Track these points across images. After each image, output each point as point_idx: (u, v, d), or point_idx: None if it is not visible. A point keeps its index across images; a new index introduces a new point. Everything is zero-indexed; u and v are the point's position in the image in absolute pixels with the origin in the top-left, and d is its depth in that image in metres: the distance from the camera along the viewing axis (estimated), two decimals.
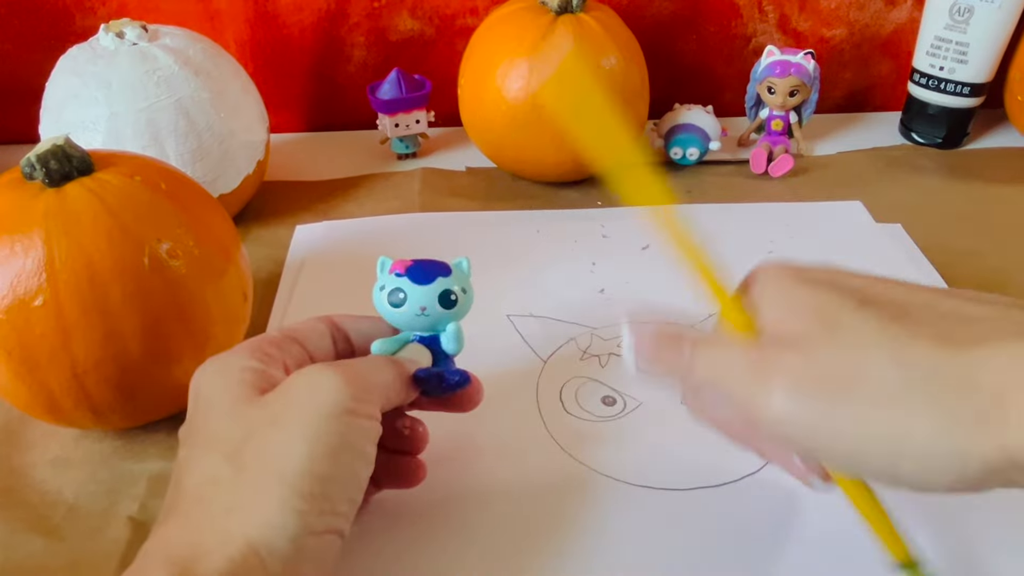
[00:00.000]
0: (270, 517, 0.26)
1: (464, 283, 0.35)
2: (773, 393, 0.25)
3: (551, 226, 0.55)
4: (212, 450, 0.28)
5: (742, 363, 0.27)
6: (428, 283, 0.34)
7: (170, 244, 0.36)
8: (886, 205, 0.56)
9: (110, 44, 0.50)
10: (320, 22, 0.65)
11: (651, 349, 0.30)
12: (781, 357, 0.26)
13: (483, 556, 0.34)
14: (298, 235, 0.55)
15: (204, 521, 0.26)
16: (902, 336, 0.24)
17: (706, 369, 0.28)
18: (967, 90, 0.62)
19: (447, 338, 0.34)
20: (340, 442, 0.28)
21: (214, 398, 0.30)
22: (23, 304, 0.34)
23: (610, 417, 0.40)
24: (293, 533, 0.26)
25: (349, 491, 0.29)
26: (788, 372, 0.25)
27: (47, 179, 0.35)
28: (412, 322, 0.34)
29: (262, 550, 0.26)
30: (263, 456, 0.27)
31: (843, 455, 0.25)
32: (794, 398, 0.25)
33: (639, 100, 0.57)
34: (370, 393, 0.30)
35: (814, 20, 0.67)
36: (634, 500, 0.36)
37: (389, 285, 0.34)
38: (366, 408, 0.29)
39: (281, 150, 0.66)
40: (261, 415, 0.28)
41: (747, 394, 0.26)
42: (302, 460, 0.27)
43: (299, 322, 0.35)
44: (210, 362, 0.31)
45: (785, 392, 0.25)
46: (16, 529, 0.36)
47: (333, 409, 0.28)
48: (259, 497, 0.26)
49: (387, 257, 0.35)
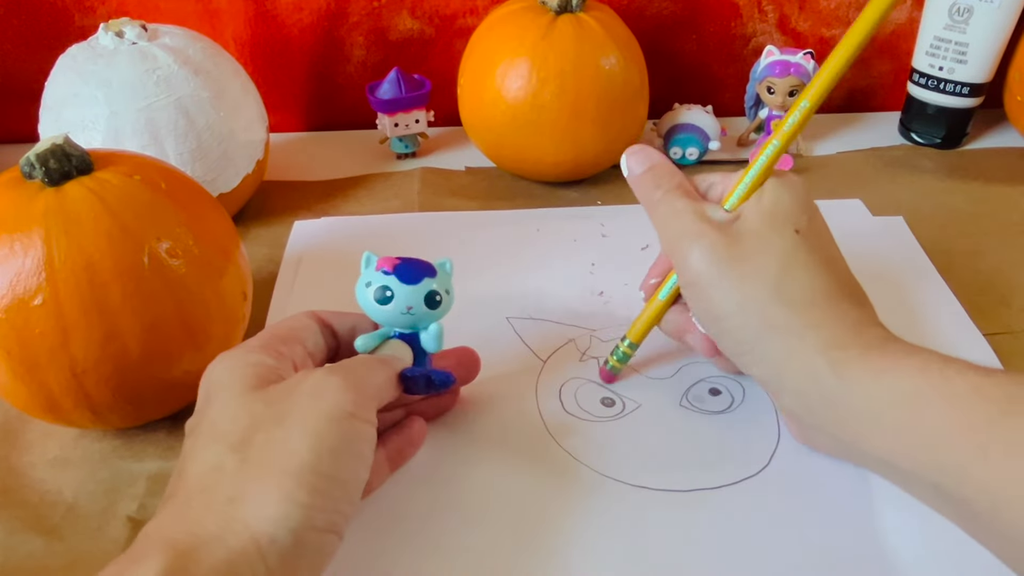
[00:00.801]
0: (273, 509, 0.26)
1: (448, 284, 0.36)
2: (692, 253, 0.34)
3: (551, 226, 0.55)
4: (217, 440, 0.29)
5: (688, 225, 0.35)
6: (415, 283, 0.34)
7: (170, 243, 0.36)
8: (885, 205, 0.56)
9: (110, 43, 0.50)
10: (320, 21, 0.65)
11: (639, 165, 0.38)
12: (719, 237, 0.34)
13: (482, 556, 0.34)
14: (296, 231, 0.55)
15: (206, 509, 0.27)
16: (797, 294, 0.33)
17: (662, 215, 0.36)
18: (966, 90, 0.62)
19: (429, 337, 0.35)
20: (342, 443, 0.29)
21: (223, 391, 0.30)
22: (22, 303, 0.34)
23: (609, 418, 0.40)
24: (295, 526, 0.26)
25: (349, 491, 0.29)
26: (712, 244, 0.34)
27: (47, 178, 0.35)
28: (395, 319, 0.35)
29: (263, 540, 0.26)
30: (268, 450, 0.28)
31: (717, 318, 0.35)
32: (706, 261, 0.34)
33: (639, 100, 0.57)
34: (369, 398, 0.31)
35: (814, 20, 0.67)
36: (633, 501, 0.36)
37: (376, 282, 0.34)
38: (365, 413, 0.30)
39: (280, 150, 0.66)
40: (267, 412, 0.29)
41: (676, 248, 0.35)
42: (307, 456, 0.27)
43: (289, 318, 0.35)
44: (222, 357, 0.32)
45: (701, 254, 0.34)
46: (15, 529, 0.36)
47: (336, 412, 0.29)
48: (263, 488, 0.27)
49: (372, 253, 0.36)
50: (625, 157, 0.39)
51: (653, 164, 0.38)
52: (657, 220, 0.37)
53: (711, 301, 0.34)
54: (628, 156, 0.39)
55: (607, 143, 0.56)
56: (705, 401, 0.41)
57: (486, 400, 0.41)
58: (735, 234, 0.34)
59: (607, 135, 0.56)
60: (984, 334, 0.45)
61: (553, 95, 0.53)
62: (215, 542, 0.25)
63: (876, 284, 0.37)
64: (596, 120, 0.55)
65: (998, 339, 0.45)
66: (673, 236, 0.36)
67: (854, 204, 0.56)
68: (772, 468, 0.37)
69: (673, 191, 0.37)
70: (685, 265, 0.35)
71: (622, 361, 0.41)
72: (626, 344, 0.41)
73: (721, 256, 0.34)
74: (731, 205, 0.36)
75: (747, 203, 0.35)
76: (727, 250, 0.34)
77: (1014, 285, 0.50)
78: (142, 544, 0.26)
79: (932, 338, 0.44)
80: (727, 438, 0.39)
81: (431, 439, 0.38)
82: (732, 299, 0.33)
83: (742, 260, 0.33)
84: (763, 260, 0.33)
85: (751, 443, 0.39)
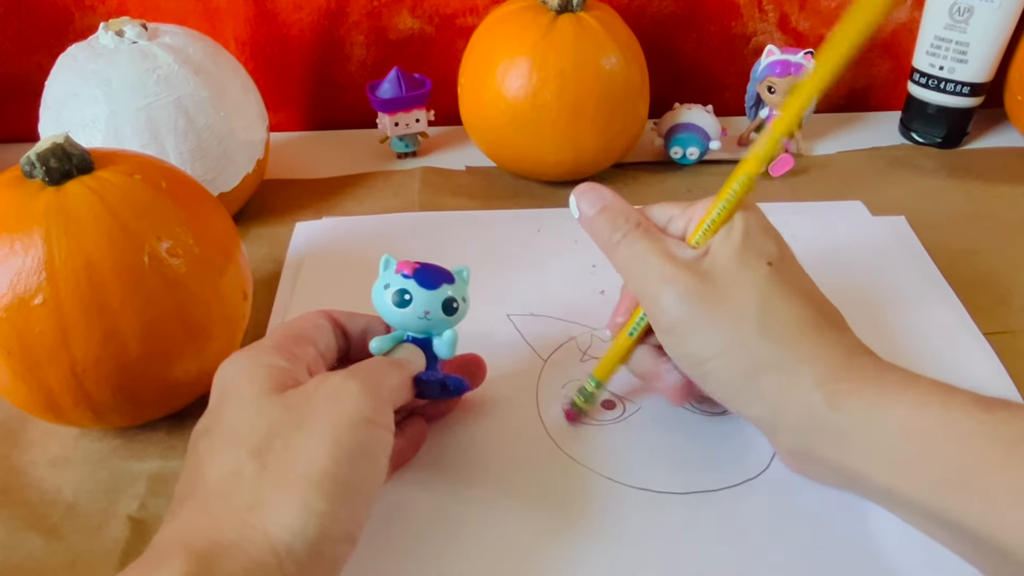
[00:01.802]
0: (292, 518, 0.26)
1: (464, 292, 0.36)
2: (665, 298, 0.33)
3: (552, 225, 0.55)
4: (235, 444, 0.28)
5: (655, 268, 0.33)
6: (434, 288, 0.35)
7: (170, 243, 0.36)
8: (886, 204, 0.56)
9: (110, 42, 0.50)
10: (320, 21, 0.65)
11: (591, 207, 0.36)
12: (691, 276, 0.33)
13: (482, 556, 0.34)
14: (298, 232, 0.55)
15: (225, 514, 0.26)
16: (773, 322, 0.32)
17: (625, 259, 0.35)
18: (967, 90, 0.62)
19: (443, 343, 0.35)
20: (360, 450, 0.28)
21: (239, 392, 0.30)
22: (23, 302, 0.34)
23: (609, 420, 0.40)
24: (312, 537, 0.26)
25: (366, 499, 0.29)
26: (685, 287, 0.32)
27: (47, 177, 0.35)
28: (411, 323, 0.35)
29: (281, 549, 0.26)
30: (287, 456, 0.27)
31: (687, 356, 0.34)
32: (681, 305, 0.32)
33: (639, 99, 0.57)
34: (385, 403, 0.31)
35: (814, 20, 0.67)
36: (632, 503, 0.36)
37: (395, 285, 0.34)
38: (383, 418, 0.30)
39: (281, 149, 0.66)
40: (286, 417, 0.29)
41: (646, 293, 0.34)
42: (327, 463, 0.27)
43: (301, 317, 0.35)
44: (236, 356, 0.32)
45: (675, 299, 0.32)
46: (15, 528, 0.36)
47: (355, 418, 0.29)
48: (282, 496, 0.27)
49: (391, 256, 0.36)
50: (574, 198, 0.37)
51: (606, 204, 0.36)
52: (619, 264, 0.35)
53: (692, 346, 0.33)
54: (578, 197, 0.36)
55: (607, 143, 0.56)
56: (706, 402, 0.41)
57: (487, 401, 0.41)
58: (706, 273, 0.33)
59: (607, 135, 0.56)
60: (984, 333, 0.45)
61: (553, 94, 0.53)
62: (234, 549, 0.25)
63: (880, 286, 0.37)
64: (596, 119, 0.55)
65: (998, 338, 0.45)
66: (641, 281, 0.34)
67: (855, 206, 0.56)
68: (772, 470, 0.37)
69: (632, 232, 0.35)
70: (658, 311, 0.33)
71: (588, 402, 0.39)
72: (592, 384, 0.39)
73: (696, 298, 0.32)
74: (697, 240, 0.34)
75: (715, 237, 0.34)
76: (701, 290, 0.32)
77: (1013, 285, 0.50)
78: (162, 547, 0.26)
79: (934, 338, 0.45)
80: (728, 440, 0.39)
81: (431, 440, 0.39)
82: (715, 342, 0.32)
83: (719, 301, 0.32)
84: (741, 298, 0.32)
85: (752, 445, 0.38)
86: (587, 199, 0.36)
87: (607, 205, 0.36)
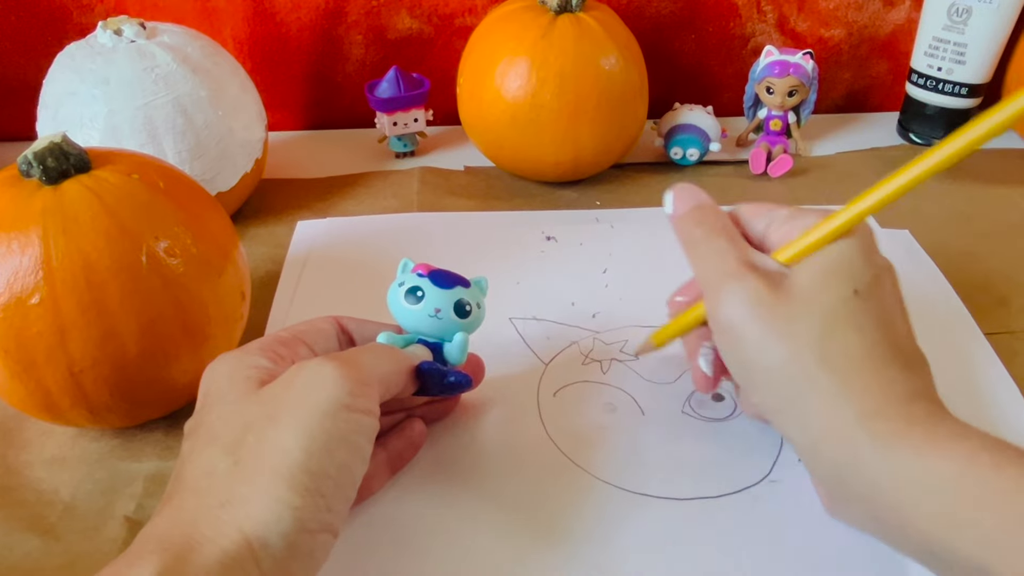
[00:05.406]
0: (265, 513, 0.26)
1: (479, 299, 0.36)
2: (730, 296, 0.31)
3: (556, 229, 0.54)
4: (212, 443, 0.28)
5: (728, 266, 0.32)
6: (447, 288, 0.34)
7: (168, 242, 0.36)
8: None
9: (108, 41, 0.50)
10: (318, 20, 0.65)
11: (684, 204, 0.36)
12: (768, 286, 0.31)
13: (481, 559, 0.34)
14: (299, 231, 0.55)
15: (199, 512, 0.26)
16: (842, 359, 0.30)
17: (701, 254, 0.34)
18: (965, 91, 0.62)
19: (453, 347, 0.35)
20: (336, 438, 0.28)
21: (221, 393, 0.30)
22: (20, 302, 0.33)
23: (610, 423, 0.40)
24: (286, 530, 0.26)
25: (344, 488, 0.28)
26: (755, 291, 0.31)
27: (44, 177, 0.35)
28: (423, 323, 0.34)
29: (255, 544, 0.26)
30: (260, 451, 0.27)
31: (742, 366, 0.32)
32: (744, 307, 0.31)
33: (639, 100, 0.57)
34: (369, 386, 0.30)
35: (813, 20, 0.67)
36: (632, 508, 0.36)
37: (408, 282, 0.35)
38: (364, 403, 0.29)
39: (279, 148, 0.66)
40: (259, 410, 0.29)
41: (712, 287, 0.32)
42: (299, 455, 0.27)
43: (306, 321, 0.35)
44: (221, 358, 0.32)
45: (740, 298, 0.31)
46: (12, 528, 0.36)
47: (330, 405, 0.28)
48: (254, 492, 0.27)
49: (410, 259, 0.36)
50: (671, 194, 0.36)
51: (700, 203, 0.35)
52: (694, 257, 0.34)
53: (746, 352, 0.31)
54: (675, 193, 0.36)
55: (607, 143, 0.56)
56: (707, 407, 0.41)
57: (487, 403, 0.41)
58: (782, 286, 0.31)
59: (607, 135, 0.56)
60: (984, 334, 0.45)
61: (553, 95, 0.53)
62: (209, 544, 0.25)
63: None
64: (596, 120, 0.55)
65: (998, 339, 0.45)
66: (711, 274, 0.32)
67: None
68: (774, 477, 0.37)
69: (717, 231, 0.34)
70: (719, 308, 0.32)
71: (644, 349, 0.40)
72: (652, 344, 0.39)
73: (760, 305, 0.30)
74: (786, 259, 0.32)
75: (810, 256, 0.32)
76: (770, 300, 0.30)
77: (1013, 285, 0.50)
78: (138, 546, 0.26)
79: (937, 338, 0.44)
80: (729, 446, 0.39)
81: (431, 442, 0.38)
82: (774, 354, 0.30)
83: (786, 317, 0.30)
84: (810, 318, 0.30)
85: (753, 451, 0.38)
86: (682, 196, 0.36)
87: (699, 204, 0.35)
